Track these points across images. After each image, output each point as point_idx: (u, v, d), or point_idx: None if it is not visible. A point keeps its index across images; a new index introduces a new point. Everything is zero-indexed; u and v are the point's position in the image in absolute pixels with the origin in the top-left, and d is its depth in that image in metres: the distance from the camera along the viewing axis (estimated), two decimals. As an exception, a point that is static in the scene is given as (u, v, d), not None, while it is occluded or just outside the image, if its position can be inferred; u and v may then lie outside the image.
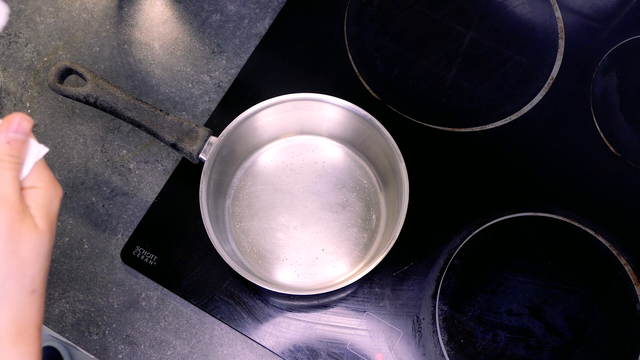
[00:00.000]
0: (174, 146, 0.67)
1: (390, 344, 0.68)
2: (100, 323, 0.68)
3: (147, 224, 0.72)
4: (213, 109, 0.77)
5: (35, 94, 0.78)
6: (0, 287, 0.41)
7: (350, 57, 0.80)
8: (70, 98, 0.67)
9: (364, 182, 0.74)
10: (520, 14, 0.83)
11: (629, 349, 0.68)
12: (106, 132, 0.76)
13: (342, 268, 0.70)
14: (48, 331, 0.70)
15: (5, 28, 0.80)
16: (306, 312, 0.69)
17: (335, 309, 0.69)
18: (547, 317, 0.69)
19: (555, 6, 0.83)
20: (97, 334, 0.68)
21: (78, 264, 0.71)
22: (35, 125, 0.76)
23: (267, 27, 0.81)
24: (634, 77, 0.80)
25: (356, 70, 0.79)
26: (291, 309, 0.69)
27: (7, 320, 0.42)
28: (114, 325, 0.68)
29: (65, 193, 0.73)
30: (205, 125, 0.75)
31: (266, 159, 0.74)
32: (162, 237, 0.71)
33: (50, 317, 0.69)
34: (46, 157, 0.74)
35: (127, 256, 0.70)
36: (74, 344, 0.68)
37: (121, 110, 0.67)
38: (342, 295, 0.69)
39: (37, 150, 0.45)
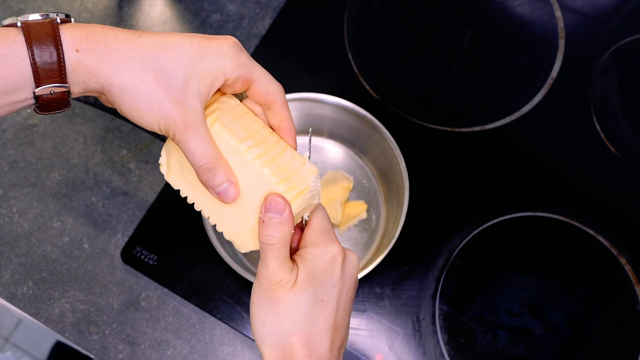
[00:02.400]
0: (174, 146, 0.67)
1: (390, 343, 0.68)
2: (100, 323, 0.68)
3: (147, 224, 0.72)
4: (213, 109, 0.77)
5: (35, 94, 0.78)
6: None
7: (350, 57, 0.80)
8: (70, 98, 0.67)
9: (364, 182, 0.74)
10: (520, 14, 0.83)
11: (629, 349, 0.68)
12: (106, 132, 0.76)
13: (342, 268, 0.70)
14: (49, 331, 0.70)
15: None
16: (306, 312, 0.69)
17: (335, 309, 0.69)
18: (547, 317, 0.69)
19: (555, 6, 0.83)
20: (97, 334, 0.68)
21: (78, 264, 0.71)
22: (35, 125, 0.76)
23: (267, 27, 0.81)
24: (634, 77, 0.80)
25: (356, 70, 0.79)
26: (291, 309, 0.69)
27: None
28: (114, 325, 0.68)
29: (65, 193, 0.73)
30: (205, 125, 0.75)
31: (266, 159, 0.74)
32: (162, 237, 0.71)
33: (50, 317, 0.68)
34: (47, 157, 0.74)
35: (127, 256, 0.70)
36: (74, 344, 0.68)
37: (121, 110, 0.67)
38: (342, 295, 0.69)
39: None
